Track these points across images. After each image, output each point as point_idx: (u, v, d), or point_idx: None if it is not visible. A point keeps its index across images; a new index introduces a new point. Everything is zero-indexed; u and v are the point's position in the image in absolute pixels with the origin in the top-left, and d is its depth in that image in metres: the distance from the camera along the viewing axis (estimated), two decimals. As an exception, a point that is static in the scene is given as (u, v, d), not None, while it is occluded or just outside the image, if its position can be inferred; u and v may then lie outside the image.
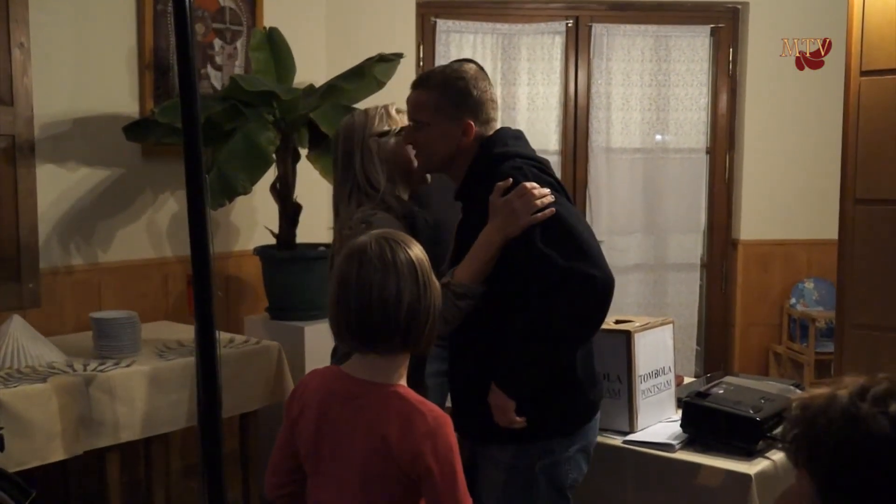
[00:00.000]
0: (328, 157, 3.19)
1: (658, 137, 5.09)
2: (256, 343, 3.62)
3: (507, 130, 2.29)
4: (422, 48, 4.90)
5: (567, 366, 2.17)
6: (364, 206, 2.38)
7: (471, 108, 2.23)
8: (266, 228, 4.07)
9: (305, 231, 4.08)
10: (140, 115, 3.95)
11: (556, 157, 4.99)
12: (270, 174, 3.93)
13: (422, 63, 4.86)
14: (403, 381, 1.80)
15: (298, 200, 3.98)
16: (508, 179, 2.13)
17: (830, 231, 3.67)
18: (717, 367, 4.94)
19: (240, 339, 3.67)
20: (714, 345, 5.25)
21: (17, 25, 3.46)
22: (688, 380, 3.21)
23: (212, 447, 1.71)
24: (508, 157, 2.20)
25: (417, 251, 1.78)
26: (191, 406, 3.25)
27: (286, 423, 1.87)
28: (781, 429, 1.34)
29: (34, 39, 3.52)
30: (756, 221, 5.07)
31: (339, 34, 4.75)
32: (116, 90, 3.94)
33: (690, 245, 5.14)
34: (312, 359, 3.69)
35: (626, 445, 2.61)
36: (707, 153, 5.14)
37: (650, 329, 2.73)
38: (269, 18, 4.38)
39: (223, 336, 3.36)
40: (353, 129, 2.47)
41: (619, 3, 5.03)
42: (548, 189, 2.13)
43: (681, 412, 2.66)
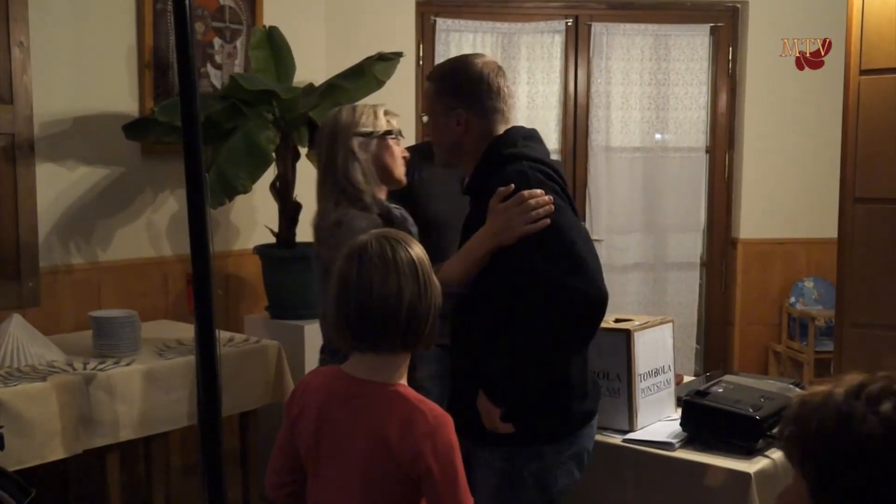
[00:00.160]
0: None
1: (658, 136, 5.09)
2: (256, 342, 3.62)
3: (520, 129, 2.24)
4: (421, 47, 4.90)
5: (559, 373, 2.15)
6: (341, 206, 2.37)
7: (464, 100, 2.20)
8: (266, 227, 4.07)
9: (305, 230, 4.07)
10: (140, 114, 3.95)
11: (556, 156, 4.98)
12: (270, 173, 3.94)
13: (421, 62, 4.86)
14: (404, 381, 1.79)
15: (298, 199, 3.98)
16: (510, 185, 2.10)
17: (830, 230, 3.67)
18: (717, 366, 4.93)
19: (240, 338, 3.67)
20: (713, 344, 5.25)
21: (17, 24, 3.46)
22: (687, 378, 3.21)
23: (212, 446, 1.70)
24: (515, 159, 2.15)
25: (418, 250, 1.77)
26: (191, 405, 3.25)
27: (286, 423, 1.86)
28: (779, 426, 1.33)
29: (34, 38, 3.52)
30: (756, 220, 5.07)
31: (339, 33, 4.74)
32: (116, 89, 3.93)
33: (690, 244, 5.14)
34: (312, 358, 3.66)
35: (626, 444, 2.61)
36: (707, 152, 5.14)
37: (650, 328, 2.72)
38: (269, 17, 4.38)
39: (223, 335, 3.36)
40: (338, 127, 2.45)
41: (619, 3, 5.02)
42: (549, 198, 2.08)
43: (680, 411, 2.65)
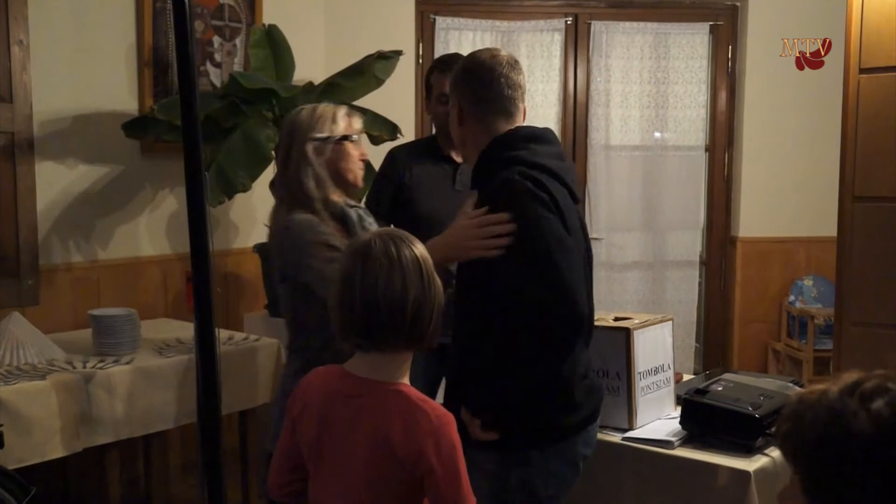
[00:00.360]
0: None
1: (657, 135, 5.09)
2: (256, 340, 3.62)
3: (522, 130, 2.18)
4: (421, 45, 4.90)
5: (541, 382, 2.12)
6: (292, 210, 2.32)
7: (462, 94, 2.21)
8: (265, 226, 4.05)
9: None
10: (139, 113, 3.95)
11: (557, 155, 4.99)
12: (270, 171, 3.93)
13: (421, 60, 4.86)
14: (406, 380, 1.78)
15: (298, 198, 3.98)
16: (485, 207, 2.08)
17: (829, 228, 3.67)
18: (716, 364, 4.94)
19: (239, 336, 3.67)
20: (713, 342, 5.26)
21: (17, 22, 3.46)
22: (687, 377, 3.21)
23: (211, 444, 1.70)
24: (511, 163, 2.10)
25: (420, 248, 1.76)
26: (190, 403, 3.25)
27: (287, 423, 1.86)
28: (776, 423, 1.33)
29: (33, 36, 3.52)
30: (755, 219, 5.07)
31: (339, 31, 4.74)
32: (116, 87, 3.94)
33: (689, 242, 5.14)
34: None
35: (625, 442, 2.61)
36: (706, 150, 5.14)
37: (649, 326, 2.72)
38: (269, 16, 4.38)
39: (222, 333, 3.36)
40: (294, 129, 2.36)
41: (619, 1, 5.02)
42: (511, 226, 2.03)
43: (680, 409, 2.66)
